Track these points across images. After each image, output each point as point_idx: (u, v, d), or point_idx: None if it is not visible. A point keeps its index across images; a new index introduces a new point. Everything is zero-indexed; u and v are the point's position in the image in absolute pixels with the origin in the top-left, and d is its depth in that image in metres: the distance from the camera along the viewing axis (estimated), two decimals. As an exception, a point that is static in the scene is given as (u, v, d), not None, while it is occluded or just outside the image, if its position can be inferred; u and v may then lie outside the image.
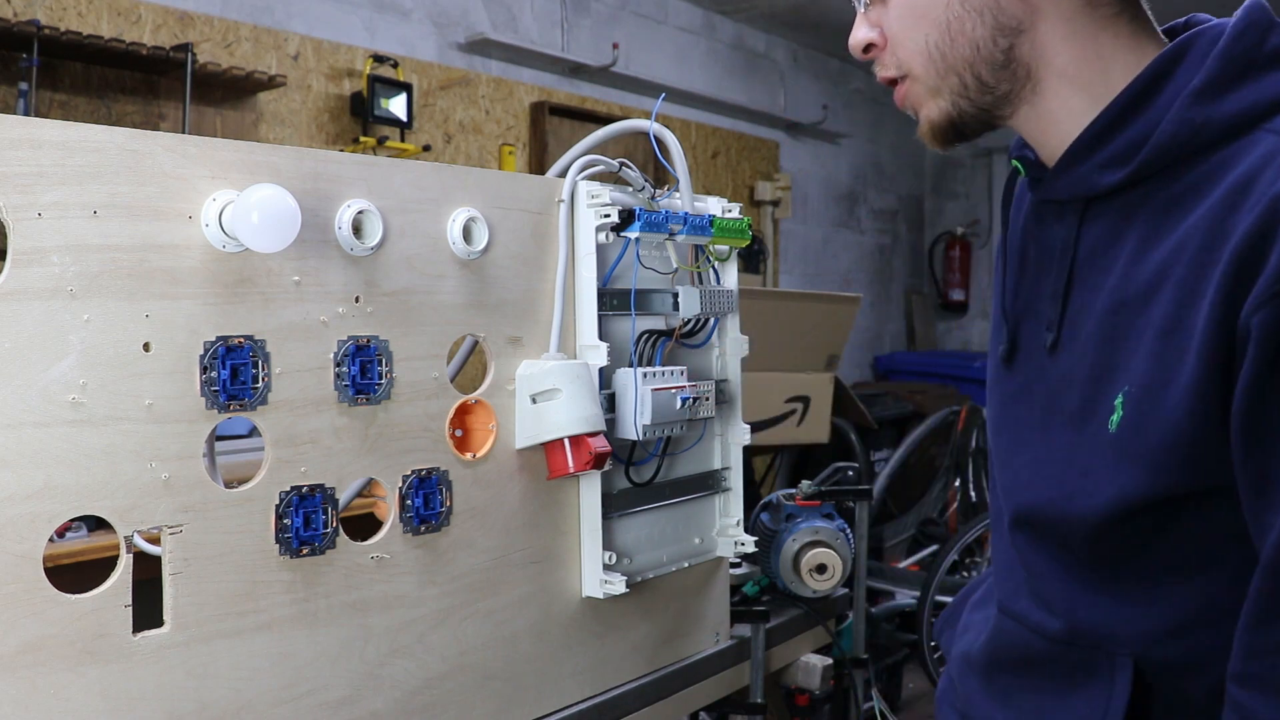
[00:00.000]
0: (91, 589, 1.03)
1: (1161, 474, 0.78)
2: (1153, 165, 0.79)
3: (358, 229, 1.20)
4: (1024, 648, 0.91)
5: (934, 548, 4.37)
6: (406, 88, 3.87)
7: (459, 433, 1.36)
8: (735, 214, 1.59)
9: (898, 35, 0.89)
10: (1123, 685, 0.83)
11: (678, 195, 1.53)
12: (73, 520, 1.05)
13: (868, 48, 0.92)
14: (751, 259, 5.48)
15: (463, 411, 1.35)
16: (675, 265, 1.52)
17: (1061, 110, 0.85)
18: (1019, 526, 0.90)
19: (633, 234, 1.43)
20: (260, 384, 1.13)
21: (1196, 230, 0.76)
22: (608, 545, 1.45)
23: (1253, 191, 0.72)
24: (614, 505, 1.47)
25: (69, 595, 1.01)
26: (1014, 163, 0.95)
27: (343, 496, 1.22)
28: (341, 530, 1.21)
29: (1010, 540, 0.93)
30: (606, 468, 1.39)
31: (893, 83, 0.92)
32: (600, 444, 1.35)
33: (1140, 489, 0.79)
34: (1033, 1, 0.83)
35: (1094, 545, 0.84)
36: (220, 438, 1.15)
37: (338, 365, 1.20)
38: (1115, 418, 0.80)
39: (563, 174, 1.47)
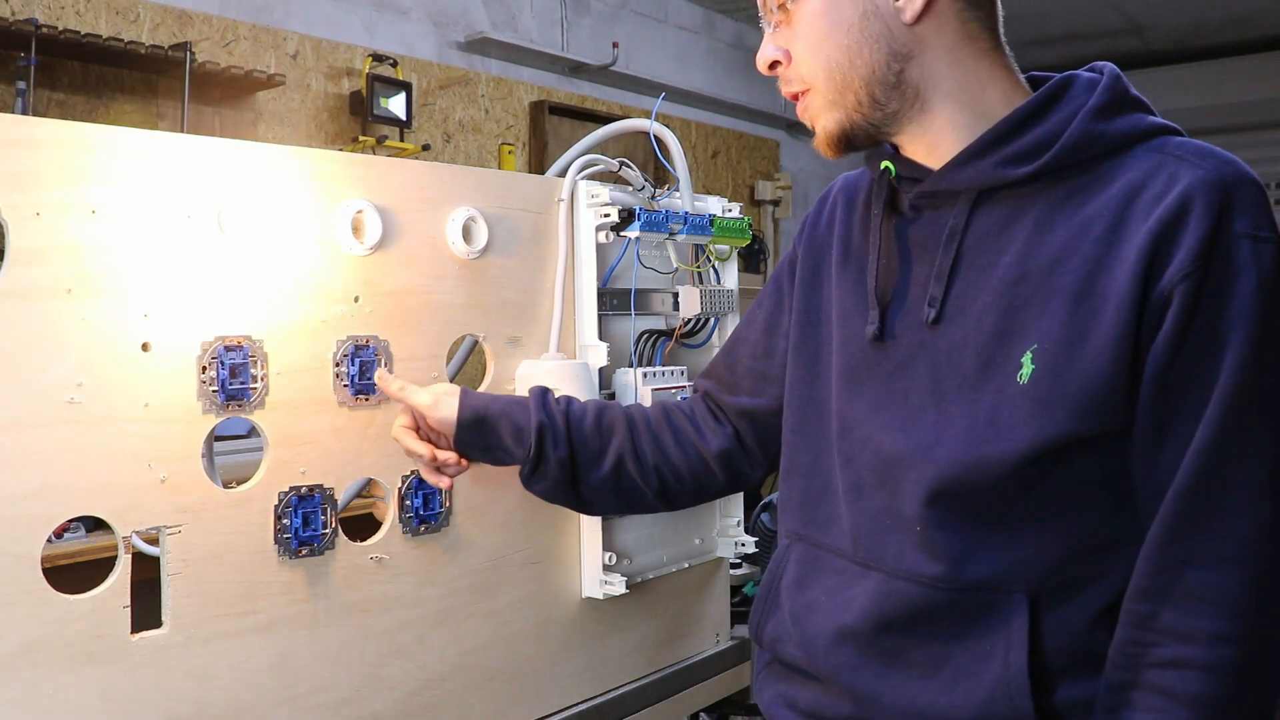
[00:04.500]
0: (90, 590, 1.02)
1: (1080, 416, 0.90)
2: (1058, 162, 0.94)
3: (357, 228, 1.20)
4: (918, 603, 0.98)
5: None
6: (406, 87, 3.86)
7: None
8: (735, 213, 1.59)
9: (802, 54, 1.01)
10: (1020, 620, 0.93)
11: (678, 195, 1.53)
12: (71, 521, 1.05)
13: (773, 65, 1.04)
14: (751, 258, 5.47)
15: (462, 411, 1.34)
16: (675, 265, 1.52)
17: (948, 124, 0.99)
18: (933, 489, 0.97)
19: (633, 234, 1.42)
20: (259, 384, 1.13)
21: (1099, 217, 0.92)
22: (608, 545, 1.44)
23: (1148, 189, 0.91)
24: (614, 505, 1.46)
25: (67, 596, 1.00)
26: (886, 164, 1.05)
27: (342, 497, 1.21)
28: (341, 531, 1.21)
29: (897, 502, 0.99)
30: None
31: (795, 97, 1.04)
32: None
33: (1061, 430, 0.90)
34: (920, 33, 0.97)
35: (997, 491, 0.93)
36: (219, 438, 1.15)
37: (337, 365, 1.19)
38: (1025, 372, 0.92)
39: (563, 173, 1.47)
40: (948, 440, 0.96)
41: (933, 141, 1.00)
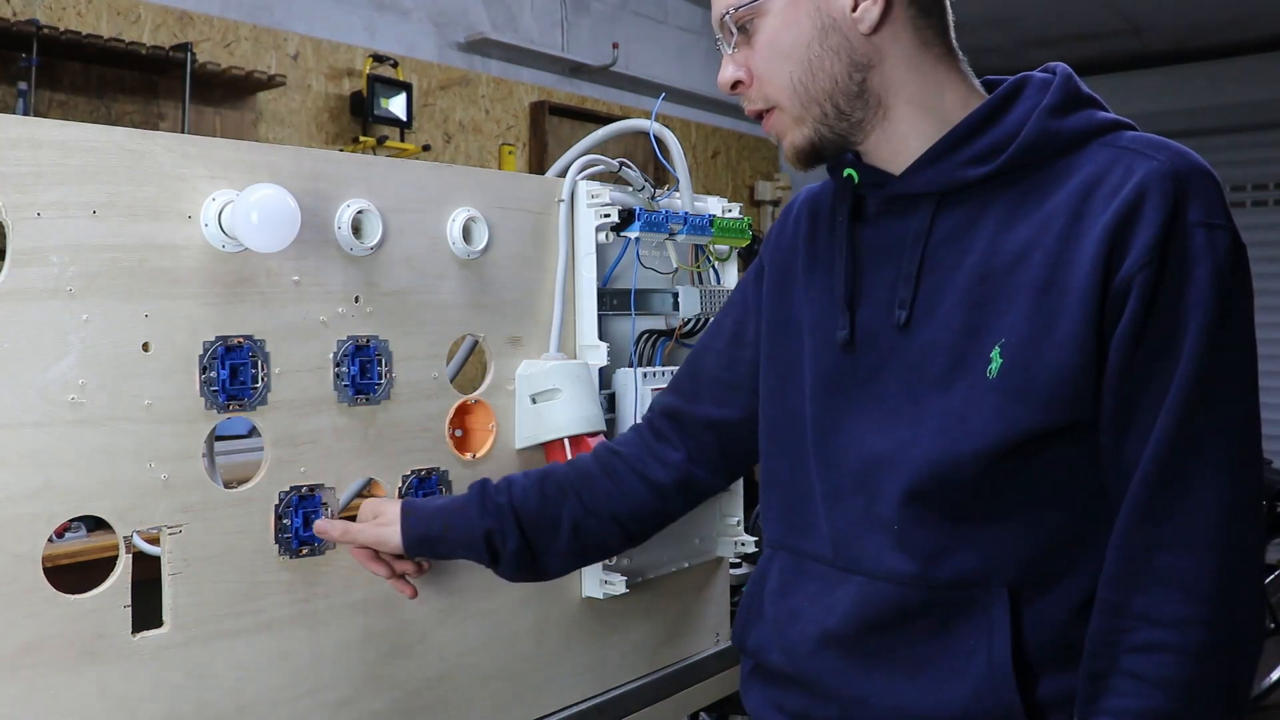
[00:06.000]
0: (91, 589, 1.03)
1: (1049, 409, 0.92)
2: (1016, 161, 0.96)
3: (357, 229, 1.20)
4: (900, 603, 0.98)
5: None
6: (406, 87, 3.87)
7: (459, 433, 1.36)
8: (735, 214, 1.59)
9: (764, 73, 1.02)
10: (1001, 613, 0.94)
11: (678, 195, 1.53)
12: (72, 520, 1.05)
13: (735, 85, 1.04)
14: (751, 258, 5.47)
15: (462, 412, 1.35)
16: (675, 265, 1.52)
17: (911, 130, 1.01)
18: (910, 488, 0.98)
19: (633, 234, 1.43)
20: (260, 384, 1.13)
21: (1058, 212, 0.94)
22: (608, 545, 1.44)
23: (1105, 183, 0.92)
24: (614, 505, 1.46)
25: (68, 596, 1.01)
26: (849, 172, 1.05)
27: (342, 496, 1.22)
28: (341, 530, 1.21)
29: (875, 504, 1.00)
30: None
31: (759, 115, 1.05)
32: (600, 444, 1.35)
33: (1031, 422, 0.92)
34: (877, 43, 0.99)
35: (972, 487, 0.94)
36: (220, 438, 1.15)
37: (337, 365, 1.19)
38: (994, 366, 0.93)
39: (563, 174, 1.47)
40: (922, 440, 0.97)
41: (895, 147, 1.02)
